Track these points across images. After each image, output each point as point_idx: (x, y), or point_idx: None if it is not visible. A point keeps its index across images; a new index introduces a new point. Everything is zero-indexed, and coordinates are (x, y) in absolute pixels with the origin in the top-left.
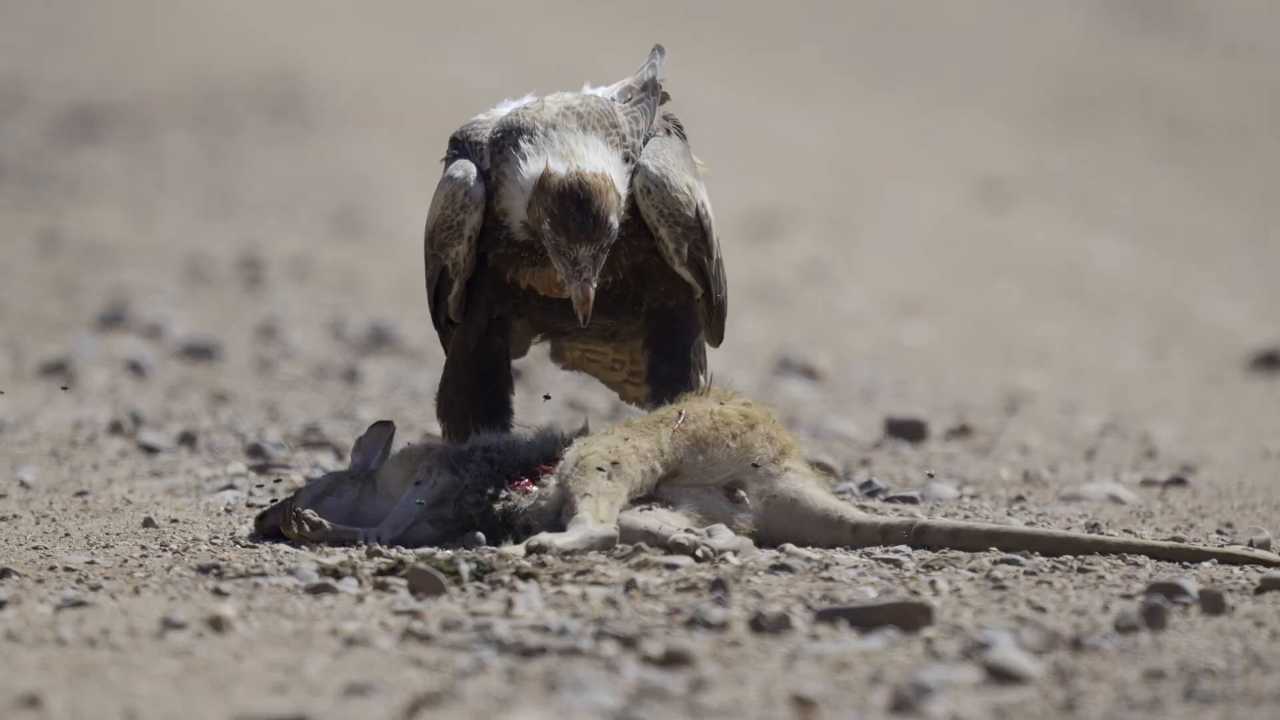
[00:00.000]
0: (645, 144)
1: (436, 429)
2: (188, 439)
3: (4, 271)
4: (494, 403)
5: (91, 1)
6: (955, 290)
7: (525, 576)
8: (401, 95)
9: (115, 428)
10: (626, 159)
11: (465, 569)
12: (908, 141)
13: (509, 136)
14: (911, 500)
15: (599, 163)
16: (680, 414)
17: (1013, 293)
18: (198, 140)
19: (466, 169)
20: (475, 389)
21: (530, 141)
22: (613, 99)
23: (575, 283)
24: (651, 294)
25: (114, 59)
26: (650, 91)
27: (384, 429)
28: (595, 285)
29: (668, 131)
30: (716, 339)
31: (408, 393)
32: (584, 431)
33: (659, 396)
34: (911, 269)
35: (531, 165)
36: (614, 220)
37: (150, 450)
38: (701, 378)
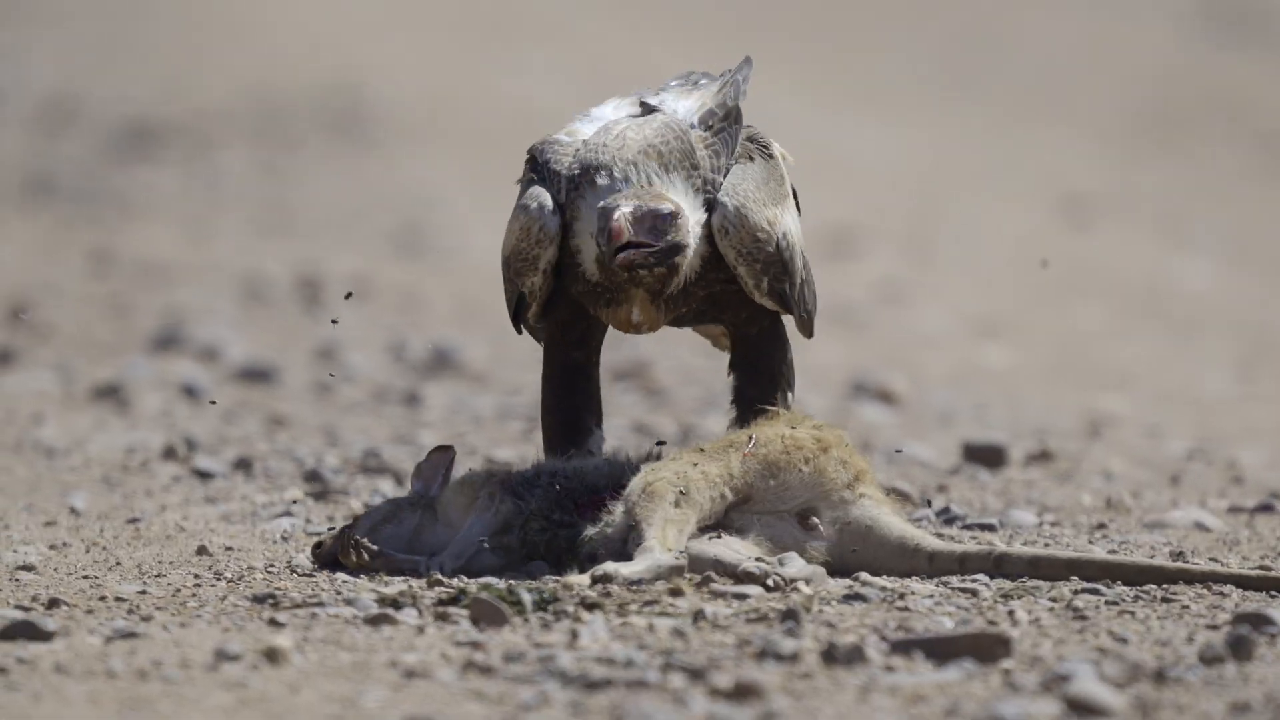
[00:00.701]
0: (726, 176)
1: (499, 454)
2: (243, 464)
3: (55, 292)
4: (571, 421)
5: (147, 14)
6: (1036, 311)
7: (590, 607)
8: (467, 110)
9: (169, 453)
10: (706, 203)
11: (528, 599)
12: (988, 156)
13: (586, 173)
14: (990, 528)
15: (679, 200)
16: (751, 438)
17: (1095, 313)
18: (255, 157)
19: (541, 201)
20: (556, 407)
21: (608, 178)
22: (693, 125)
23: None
24: (732, 319)
25: (170, 73)
26: (733, 120)
27: (445, 454)
28: (628, 211)
29: (749, 156)
30: (806, 332)
31: (470, 417)
32: (652, 456)
33: (745, 419)
34: (991, 289)
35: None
36: (673, 223)
37: (204, 476)
38: (790, 396)
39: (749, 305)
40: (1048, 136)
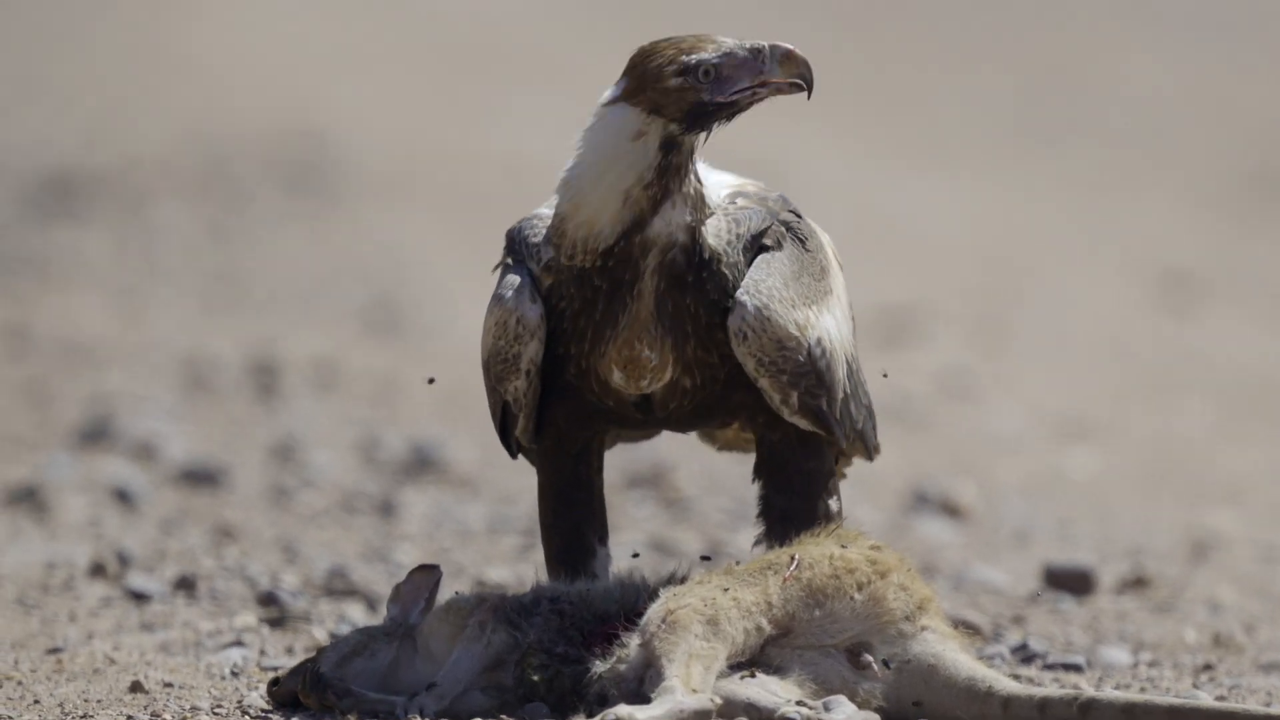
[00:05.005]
0: (750, 264)
1: (491, 574)
2: (185, 584)
3: None
4: (572, 542)
5: (68, 49)
6: (1129, 409)
7: None
8: (447, 162)
9: (97, 570)
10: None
11: None
12: (1071, 225)
13: None
14: (1076, 668)
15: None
16: (793, 559)
17: (1200, 413)
18: (198, 216)
19: (518, 289)
20: (554, 526)
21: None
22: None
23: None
24: (748, 420)
25: (97, 118)
26: (760, 202)
27: (427, 575)
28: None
29: (777, 243)
30: (861, 454)
31: (455, 529)
32: (674, 579)
33: (775, 534)
34: (1075, 382)
35: None
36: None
37: (139, 597)
38: (833, 507)
39: (773, 416)
40: (1142, 201)
